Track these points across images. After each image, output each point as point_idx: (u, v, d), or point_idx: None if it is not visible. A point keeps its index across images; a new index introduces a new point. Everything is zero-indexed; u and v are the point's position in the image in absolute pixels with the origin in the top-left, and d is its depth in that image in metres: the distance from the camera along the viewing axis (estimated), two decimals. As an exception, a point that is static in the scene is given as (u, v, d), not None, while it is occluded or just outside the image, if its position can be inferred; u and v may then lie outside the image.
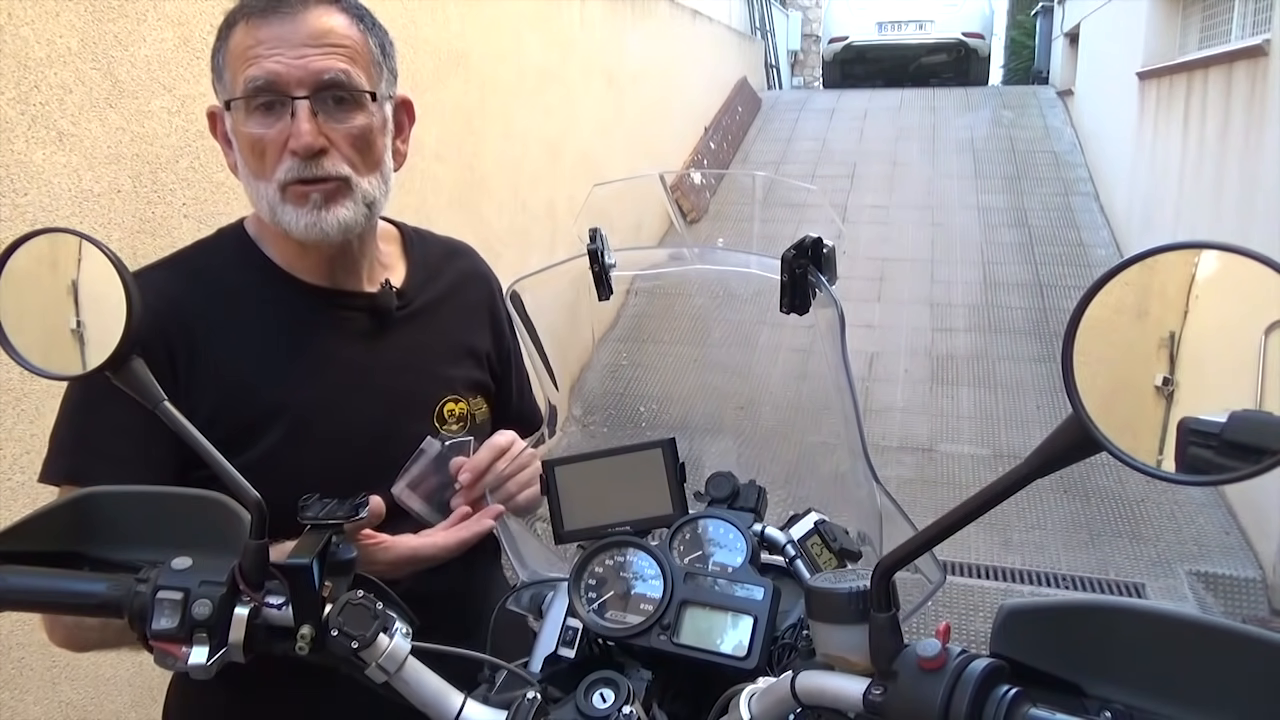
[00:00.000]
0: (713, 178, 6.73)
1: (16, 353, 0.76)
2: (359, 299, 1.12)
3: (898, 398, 4.79)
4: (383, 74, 1.06)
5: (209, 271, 1.09)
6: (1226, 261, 0.50)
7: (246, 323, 1.07)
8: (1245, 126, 3.97)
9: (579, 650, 0.85)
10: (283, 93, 0.99)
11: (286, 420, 1.04)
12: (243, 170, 1.05)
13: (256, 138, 1.00)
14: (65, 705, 1.74)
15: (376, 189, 1.06)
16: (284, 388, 1.05)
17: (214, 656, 0.70)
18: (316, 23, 1.00)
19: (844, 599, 0.65)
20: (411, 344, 1.15)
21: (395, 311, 1.13)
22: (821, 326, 1.03)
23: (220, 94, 1.05)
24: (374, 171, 1.05)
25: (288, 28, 0.99)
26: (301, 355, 1.08)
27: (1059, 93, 9.39)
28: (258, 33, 0.99)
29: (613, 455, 0.95)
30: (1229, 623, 0.56)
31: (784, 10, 13.96)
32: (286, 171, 1.00)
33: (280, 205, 1.02)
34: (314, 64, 0.99)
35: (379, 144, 1.06)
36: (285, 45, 0.98)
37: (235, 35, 1.02)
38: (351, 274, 1.12)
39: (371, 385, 1.10)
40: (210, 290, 1.07)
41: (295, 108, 0.98)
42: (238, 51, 1.01)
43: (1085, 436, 0.52)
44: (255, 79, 0.98)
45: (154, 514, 0.79)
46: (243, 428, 1.02)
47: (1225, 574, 3.43)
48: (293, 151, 0.99)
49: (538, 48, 4.21)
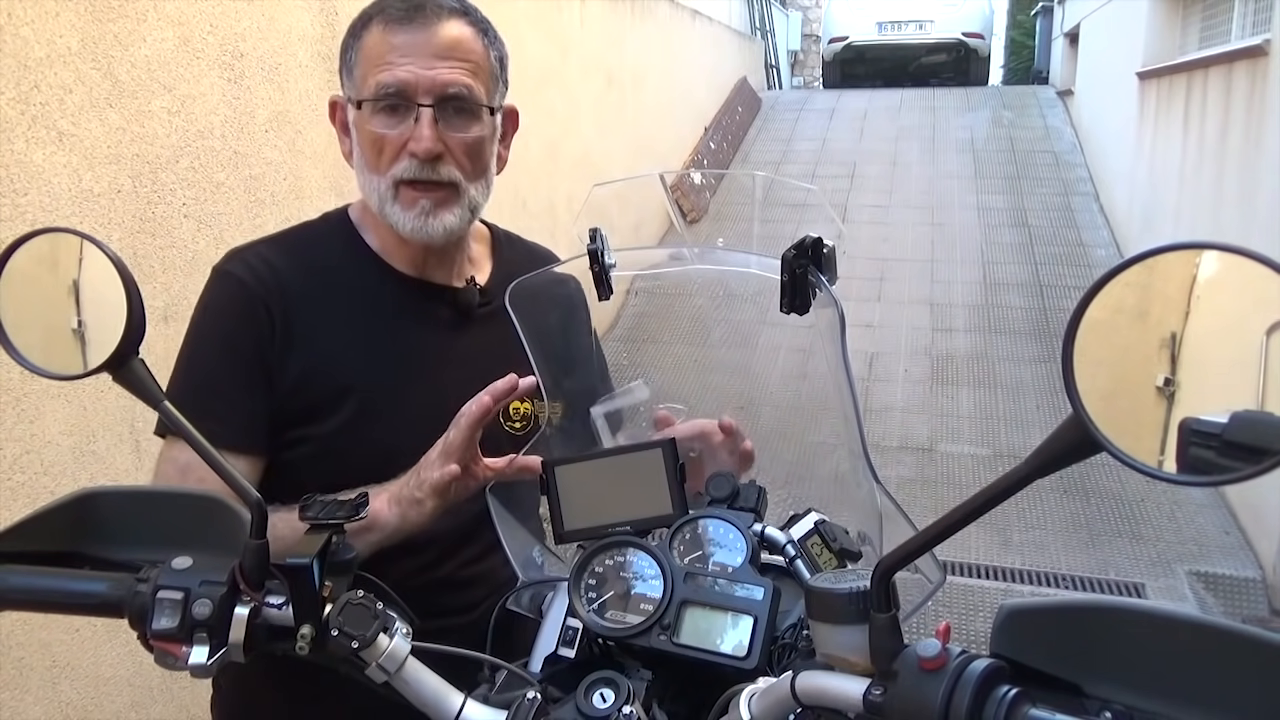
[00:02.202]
0: (713, 178, 6.74)
1: (17, 352, 0.76)
2: (445, 292, 1.18)
3: (898, 398, 4.80)
4: (498, 87, 1.14)
5: (312, 250, 1.16)
6: (1227, 262, 0.50)
7: (338, 302, 1.13)
8: (1245, 126, 3.97)
9: (579, 650, 0.85)
10: (409, 99, 1.05)
11: (357, 400, 1.10)
12: (358, 161, 1.11)
13: (379, 136, 1.07)
14: (65, 705, 1.74)
15: (481, 195, 1.13)
16: (362, 369, 1.11)
17: (214, 656, 0.70)
18: (447, 35, 1.06)
19: (844, 599, 0.65)
20: (487, 340, 1.18)
21: (477, 308, 1.19)
22: (821, 326, 1.03)
23: (347, 88, 1.12)
24: (481, 178, 1.13)
25: (421, 37, 1.05)
26: (383, 340, 1.14)
27: (1059, 93, 9.39)
28: (393, 38, 1.05)
29: (613, 455, 0.96)
30: (1229, 623, 0.56)
31: (784, 10, 13.96)
32: (403, 170, 1.07)
33: (390, 202, 1.09)
34: (442, 76, 1.05)
35: (488, 152, 1.13)
36: (417, 54, 1.05)
37: (370, 35, 1.07)
38: (442, 268, 1.18)
39: (443, 376, 1.14)
40: (310, 267, 1.14)
41: (420, 114, 1.05)
42: (372, 53, 1.07)
43: (1085, 437, 0.52)
44: (387, 85, 1.05)
45: (154, 514, 0.79)
46: (320, 400, 1.09)
47: (1225, 574, 3.43)
48: (412, 153, 1.06)
49: (538, 48, 4.21)
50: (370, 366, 1.12)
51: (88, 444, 1.77)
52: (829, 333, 1.00)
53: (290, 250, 1.15)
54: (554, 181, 4.38)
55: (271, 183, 2.27)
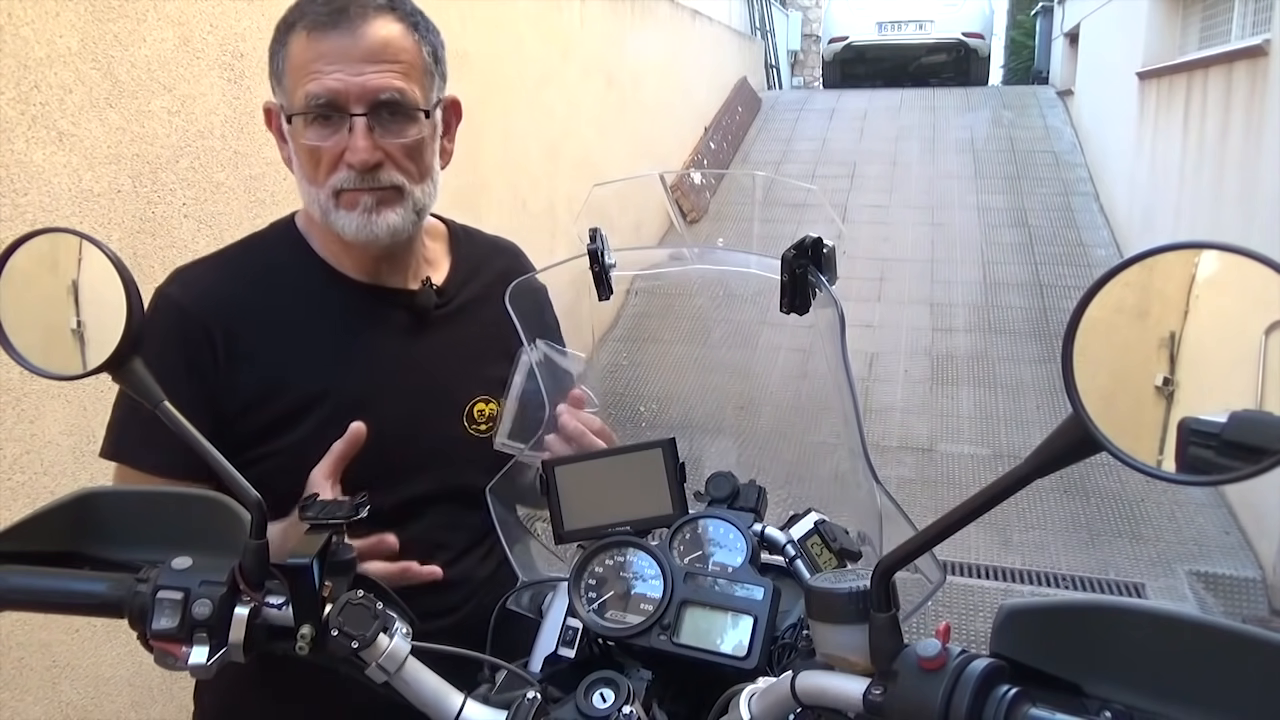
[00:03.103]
0: (713, 178, 6.74)
1: (16, 353, 0.76)
2: (400, 296, 1.15)
3: (898, 398, 4.79)
4: (434, 81, 1.09)
5: (258, 264, 1.13)
6: (1227, 261, 0.50)
7: (289, 316, 1.10)
8: (1245, 126, 3.97)
9: (579, 650, 0.85)
10: (341, 109, 1.01)
11: (319, 413, 1.07)
12: (297, 171, 1.08)
13: (314, 148, 1.04)
14: (65, 705, 1.74)
15: (427, 195, 1.10)
16: (319, 382, 1.08)
17: (214, 656, 0.70)
18: (375, 36, 1.02)
19: (844, 599, 0.65)
20: (448, 342, 1.17)
21: (434, 310, 1.16)
22: (821, 326, 1.03)
23: (279, 96, 1.08)
24: (425, 179, 1.09)
25: (347, 41, 1.01)
26: (339, 350, 1.11)
27: (1059, 93, 9.39)
28: (319, 45, 1.01)
29: (613, 455, 0.96)
30: (1229, 623, 0.56)
31: (784, 10, 13.95)
32: (341, 181, 1.04)
33: (333, 210, 1.05)
34: (372, 81, 1.01)
35: (430, 152, 1.09)
36: (345, 61, 1.00)
37: (295, 43, 1.03)
38: (396, 272, 1.15)
39: (405, 382, 1.12)
40: (258, 281, 1.11)
41: (353, 123, 1.01)
42: (298, 63, 1.03)
43: (1085, 436, 0.52)
44: (316, 96, 1.01)
45: (154, 514, 0.79)
46: (278, 418, 1.06)
47: (1225, 574, 3.43)
48: (349, 165, 1.03)
49: (538, 48, 4.21)
50: (328, 379, 1.09)
51: (88, 444, 1.77)
52: (829, 333, 1.00)
53: (236, 265, 1.12)
54: (554, 181, 4.38)
55: (271, 183, 2.27)
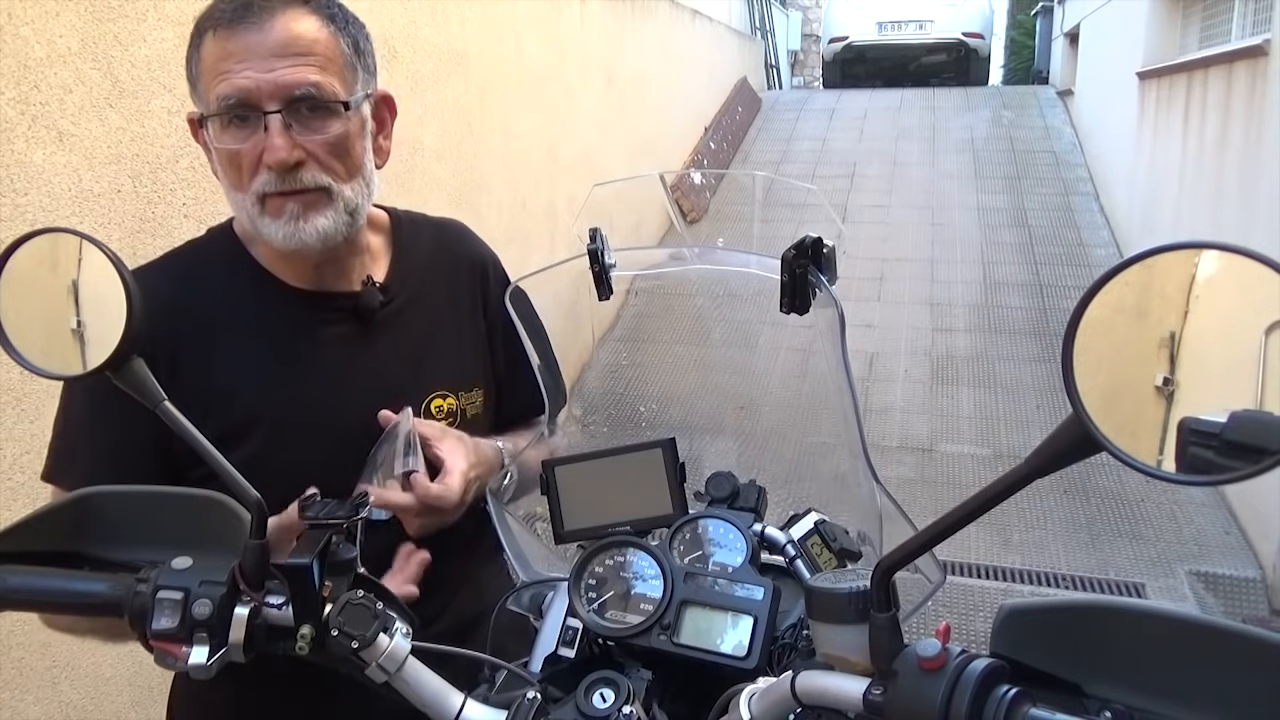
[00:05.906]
0: (713, 178, 6.74)
1: (16, 353, 0.76)
2: (344, 300, 1.11)
3: (898, 398, 4.79)
4: (357, 75, 1.04)
5: (195, 275, 1.09)
6: (1227, 261, 0.50)
7: (230, 328, 1.07)
8: (1245, 126, 3.97)
9: (579, 650, 0.85)
10: (255, 108, 0.97)
11: (266, 425, 1.05)
12: (223, 179, 1.04)
13: (232, 152, 0.99)
14: (65, 705, 1.74)
15: (359, 195, 1.05)
16: (263, 394, 1.05)
17: (214, 656, 0.70)
18: (285, 31, 0.97)
19: (844, 599, 0.65)
20: (396, 341, 1.14)
21: (379, 310, 1.13)
22: (821, 326, 1.03)
23: (197, 104, 1.03)
24: (355, 177, 1.04)
25: (255, 38, 0.97)
26: (283, 361, 1.08)
27: (1059, 93, 9.38)
28: (226, 45, 0.97)
29: (613, 455, 0.95)
30: (1229, 623, 0.56)
31: (784, 10, 13.96)
32: (263, 185, 0.99)
33: (259, 217, 1.01)
34: (284, 77, 0.97)
35: (357, 148, 1.04)
36: (254, 58, 0.96)
37: (205, 46, 0.99)
38: (339, 276, 1.11)
39: (353, 387, 1.09)
40: (196, 295, 1.07)
41: (268, 122, 0.97)
42: (208, 65, 0.99)
43: (1085, 436, 0.52)
44: (227, 96, 0.97)
45: (154, 514, 0.79)
46: (225, 433, 1.01)
47: (1225, 574, 3.43)
48: (268, 166, 0.98)
49: (538, 48, 4.21)
50: (274, 392, 1.06)
51: (88, 444, 1.77)
52: (829, 333, 1.00)
53: (175, 280, 1.07)
54: (554, 181, 4.38)
55: (271, 183, 2.26)
